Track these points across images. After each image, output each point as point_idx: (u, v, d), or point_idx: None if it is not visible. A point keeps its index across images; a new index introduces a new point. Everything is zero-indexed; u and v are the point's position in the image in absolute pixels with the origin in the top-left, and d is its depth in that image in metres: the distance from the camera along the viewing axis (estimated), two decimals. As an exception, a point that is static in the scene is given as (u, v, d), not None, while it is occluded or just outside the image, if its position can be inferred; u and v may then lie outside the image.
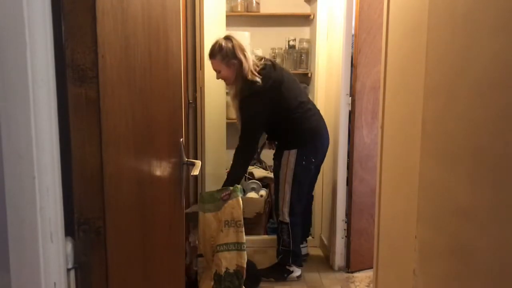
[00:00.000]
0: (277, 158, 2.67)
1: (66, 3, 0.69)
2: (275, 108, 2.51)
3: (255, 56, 2.71)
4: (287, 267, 2.73)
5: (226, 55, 2.45)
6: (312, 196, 3.02)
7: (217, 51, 2.46)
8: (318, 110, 2.78)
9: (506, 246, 0.89)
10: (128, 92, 0.89)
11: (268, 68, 2.53)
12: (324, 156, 2.79)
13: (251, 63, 2.48)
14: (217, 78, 2.59)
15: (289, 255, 2.71)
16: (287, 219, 2.66)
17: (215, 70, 2.54)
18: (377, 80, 2.60)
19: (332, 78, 2.97)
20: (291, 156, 2.59)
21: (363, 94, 2.73)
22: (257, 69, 2.49)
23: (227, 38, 2.49)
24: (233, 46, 2.45)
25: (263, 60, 2.61)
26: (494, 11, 0.94)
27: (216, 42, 2.48)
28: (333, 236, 2.90)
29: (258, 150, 3.48)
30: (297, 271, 2.75)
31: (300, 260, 2.76)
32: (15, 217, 0.65)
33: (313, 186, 2.95)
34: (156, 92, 1.08)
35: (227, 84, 2.67)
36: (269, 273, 2.75)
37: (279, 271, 2.75)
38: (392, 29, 1.73)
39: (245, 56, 2.46)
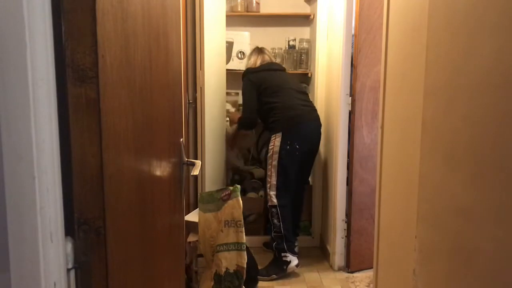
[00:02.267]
0: (267, 144, 2.87)
1: (66, 3, 0.69)
2: (265, 89, 2.88)
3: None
4: (284, 258, 2.75)
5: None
6: (304, 189, 3.04)
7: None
8: (314, 109, 2.93)
9: (506, 246, 0.89)
10: (128, 92, 0.89)
11: (263, 64, 3.02)
12: (312, 148, 2.89)
13: (252, 62, 3.04)
14: None
15: (282, 240, 2.74)
16: (274, 201, 2.77)
17: None
18: (377, 80, 2.60)
19: (332, 78, 2.97)
20: (276, 140, 2.77)
21: (363, 94, 2.73)
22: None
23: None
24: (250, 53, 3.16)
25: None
26: (494, 11, 0.94)
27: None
28: (333, 236, 2.90)
29: (258, 150, 3.50)
30: (294, 260, 2.77)
31: (293, 245, 2.79)
32: (15, 217, 0.65)
33: (304, 179, 2.99)
34: (156, 92, 1.08)
35: None
36: (269, 270, 2.76)
37: (278, 265, 2.77)
38: (392, 29, 1.73)
39: (249, 58, 3.12)
